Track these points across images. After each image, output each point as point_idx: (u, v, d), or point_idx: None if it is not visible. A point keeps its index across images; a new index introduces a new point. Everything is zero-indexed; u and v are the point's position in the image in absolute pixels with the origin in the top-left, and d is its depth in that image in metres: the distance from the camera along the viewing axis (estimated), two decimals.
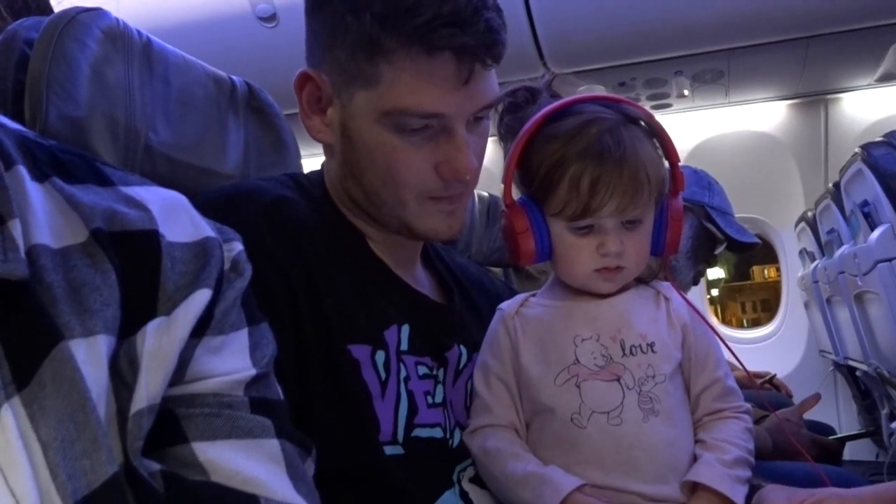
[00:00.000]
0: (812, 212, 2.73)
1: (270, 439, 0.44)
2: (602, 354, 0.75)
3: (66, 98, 0.71)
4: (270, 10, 2.43)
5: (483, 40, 0.69)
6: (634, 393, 0.74)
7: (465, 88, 0.71)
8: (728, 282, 7.25)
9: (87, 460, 0.34)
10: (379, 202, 0.77)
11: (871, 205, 1.82)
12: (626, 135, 0.74)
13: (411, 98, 0.70)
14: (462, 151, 0.73)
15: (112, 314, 0.38)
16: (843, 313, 2.43)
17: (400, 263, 0.83)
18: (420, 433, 0.74)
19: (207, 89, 0.92)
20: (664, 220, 0.79)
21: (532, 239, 0.76)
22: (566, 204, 0.74)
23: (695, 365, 0.78)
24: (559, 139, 0.75)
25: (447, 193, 0.76)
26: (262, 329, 0.48)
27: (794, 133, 3.34)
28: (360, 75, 0.71)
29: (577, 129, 0.75)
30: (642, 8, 2.35)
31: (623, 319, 0.77)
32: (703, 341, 0.79)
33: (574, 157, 0.73)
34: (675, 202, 0.80)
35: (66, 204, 0.40)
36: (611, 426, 0.74)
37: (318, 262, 0.72)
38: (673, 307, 0.80)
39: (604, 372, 0.75)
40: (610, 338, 0.76)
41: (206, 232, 0.46)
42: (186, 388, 0.42)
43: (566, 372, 0.75)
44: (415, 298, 0.81)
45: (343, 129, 0.75)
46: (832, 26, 2.49)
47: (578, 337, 0.76)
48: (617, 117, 0.76)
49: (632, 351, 0.75)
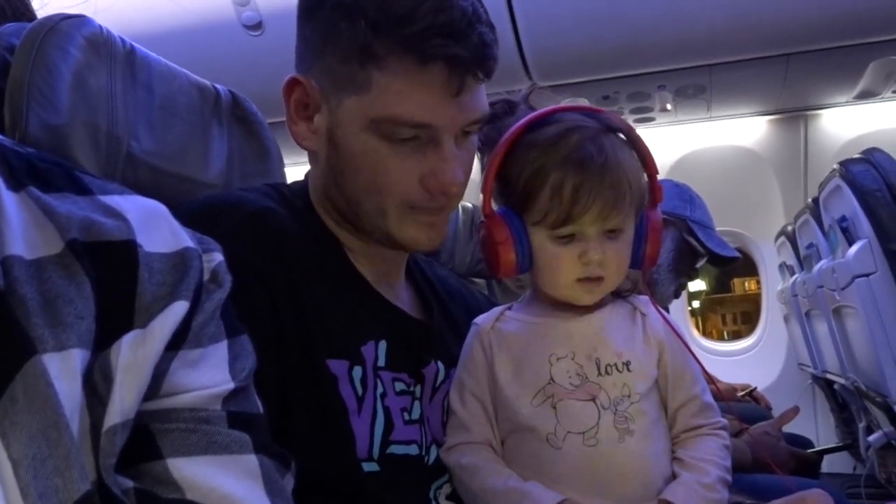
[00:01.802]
0: (792, 226, 2.76)
1: (248, 455, 0.43)
2: (577, 373, 0.75)
3: (47, 105, 0.70)
4: (256, 17, 2.42)
5: (475, 53, 0.69)
6: (610, 413, 0.74)
7: (456, 100, 0.71)
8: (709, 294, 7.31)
9: (58, 478, 0.33)
10: (360, 211, 0.77)
11: (849, 220, 1.84)
12: (607, 143, 0.74)
13: (401, 106, 0.70)
14: (449, 164, 0.73)
15: (86, 327, 0.37)
16: (821, 327, 2.45)
17: (381, 277, 0.82)
18: (396, 450, 0.73)
19: (191, 98, 0.91)
20: (643, 232, 0.79)
21: (512, 249, 0.75)
22: (548, 212, 0.73)
23: (671, 382, 0.78)
24: (539, 147, 0.74)
25: (430, 205, 0.75)
26: (242, 341, 0.48)
27: (775, 148, 3.38)
28: (351, 81, 0.71)
29: (557, 136, 0.74)
30: (627, 23, 2.38)
31: (598, 337, 0.77)
32: (679, 358, 0.79)
33: (555, 164, 0.73)
34: (654, 214, 0.80)
35: (41, 214, 0.39)
36: (586, 447, 0.73)
37: (300, 274, 0.72)
38: (649, 323, 0.79)
39: (579, 391, 0.74)
40: (585, 356, 0.75)
41: (185, 242, 0.46)
42: (162, 402, 0.41)
43: (542, 393, 0.75)
44: (393, 314, 0.81)
45: (330, 136, 0.75)
46: (812, 44, 2.53)
47: (554, 356, 0.76)
48: (598, 126, 0.76)
49: (607, 370, 0.75)
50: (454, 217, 2.20)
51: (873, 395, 1.90)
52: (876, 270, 1.71)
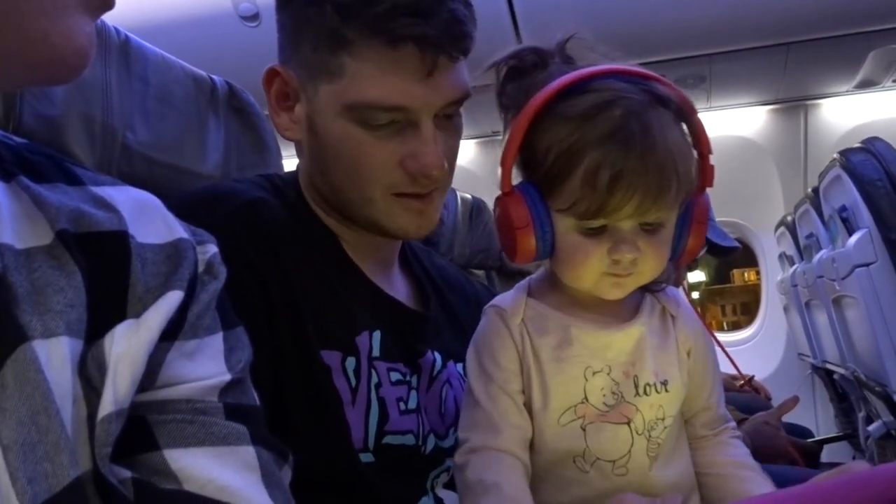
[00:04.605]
0: (792, 216, 2.76)
1: (246, 446, 0.43)
2: (613, 392, 0.66)
3: (41, 96, 0.69)
4: (253, 9, 2.41)
5: (447, 31, 0.67)
6: (643, 439, 0.67)
7: (430, 81, 0.69)
8: (709, 285, 7.31)
9: (48, 464, 0.33)
10: (346, 199, 0.76)
11: (849, 210, 1.84)
12: (655, 120, 0.62)
13: (374, 91, 0.69)
14: (428, 145, 0.71)
15: (77, 316, 0.37)
16: (821, 317, 2.45)
17: (375, 267, 0.82)
18: (391, 440, 0.72)
19: (187, 88, 0.90)
20: (687, 221, 0.68)
21: (532, 235, 0.65)
22: (577, 200, 0.62)
23: (691, 389, 0.72)
24: (573, 121, 0.62)
25: (414, 190, 0.74)
26: (238, 333, 0.47)
27: (775, 138, 3.38)
28: (324, 69, 0.70)
29: (595, 109, 0.62)
30: (626, 12, 2.37)
31: (637, 351, 0.68)
32: (701, 365, 0.72)
33: (591, 144, 0.61)
34: (702, 200, 0.70)
35: (31, 204, 0.39)
36: (615, 475, 0.67)
37: (293, 264, 0.72)
38: (679, 327, 0.72)
39: (613, 413, 0.66)
40: (623, 373, 0.67)
41: (178, 233, 0.45)
42: (158, 393, 0.41)
43: (572, 411, 0.66)
44: (388, 304, 0.80)
45: (310, 125, 0.75)
46: (812, 33, 2.52)
47: (590, 369, 0.66)
48: (644, 97, 0.63)
49: (646, 390, 0.67)
50: (453, 209, 2.19)
51: (873, 385, 1.90)
52: (876, 260, 1.71)
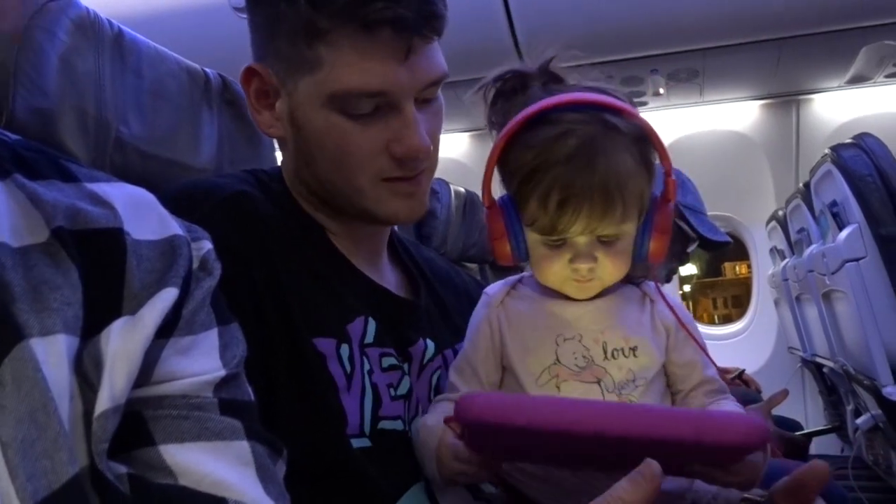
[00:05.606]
0: (783, 211, 2.78)
1: (240, 441, 0.43)
2: (583, 356, 0.75)
3: (34, 89, 0.69)
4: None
5: (419, 11, 0.68)
6: (614, 395, 0.74)
7: (408, 63, 0.70)
8: (700, 278, 7.34)
9: (47, 461, 0.33)
10: (334, 190, 0.77)
11: (839, 205, 1.85)
12: (603, 147, 0.70)
13: (354, 77, 0.70)
14: (412, 128, 0.72)
15: (73, 314, 0.37)
16: (811, 311, 2.47)
17: (364, 258, 0.82)
18: (385, 425, 0.74)
19: (180, 81, 0.90)
20: (647, 230, 0.76)
21: (508, 245, 0.75)
22: (536, 219, 0.72)
23: (681, 367, 0.78)
24: (534, 149, 0.71)
25: (401, 174, 0.75)
26: (233, 329, 0.48)
27: (767, 133, 3.39)
28: (302, 61, 0.71)
29: (551, 140, 0.71)
30: (619, 6, 2.37)
31: (607, 321, 0.76)
32: (689, 344, 0.79)
33: (545, 170, 0.70)
34: (664, 211, 0.77)
35: (27, 201, 0.39)
36: None
37: (279, 256, 0.72)
38: (658, 309, 0.79)
39: (584, 373, 0.74)
40: (592, 340, 0.75)
41: (173, 230, 0.45)
42: (154, 389, 0.41)
43: (547, 372, 0.75)
44: (378, 293, 0.81)
45: (292, 120, 0.75)
46: (805, 28, 2.53)
47: (560, 336, 0.75)
48: (597, 127, 0.71)
49: (613, 354, 0.75)
50: (447, 202, 2.20)
51: (861, 379, 1.92)
52: (866, 255, 1.72)
